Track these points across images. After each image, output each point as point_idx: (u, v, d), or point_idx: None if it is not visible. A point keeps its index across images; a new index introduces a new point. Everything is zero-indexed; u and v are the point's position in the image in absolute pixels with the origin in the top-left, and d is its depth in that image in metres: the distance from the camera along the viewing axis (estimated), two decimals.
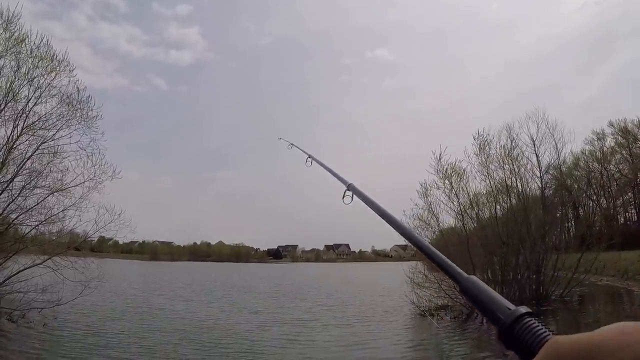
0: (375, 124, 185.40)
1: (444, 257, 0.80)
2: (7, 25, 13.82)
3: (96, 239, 18.63)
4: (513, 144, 18.94)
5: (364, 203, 1.35)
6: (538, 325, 0.53)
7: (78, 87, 15.06)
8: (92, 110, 15.29)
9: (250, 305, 21.15)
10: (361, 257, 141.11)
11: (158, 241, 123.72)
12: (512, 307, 0.58)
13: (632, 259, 33.41)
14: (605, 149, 56.73)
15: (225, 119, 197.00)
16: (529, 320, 0.54)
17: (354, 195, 1.57)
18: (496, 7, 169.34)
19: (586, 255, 19.87)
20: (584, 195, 53.18)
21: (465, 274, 0.71)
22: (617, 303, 22.24)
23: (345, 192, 1.63)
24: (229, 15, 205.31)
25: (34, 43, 14.26)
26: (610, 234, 34.71)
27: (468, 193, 18.15)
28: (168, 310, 18.35)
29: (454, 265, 0.76)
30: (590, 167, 55.41)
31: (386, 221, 1.14)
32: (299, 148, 3.11)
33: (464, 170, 18.28)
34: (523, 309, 0.56)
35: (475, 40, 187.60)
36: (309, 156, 2.60)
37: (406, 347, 12.32)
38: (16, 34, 13.98)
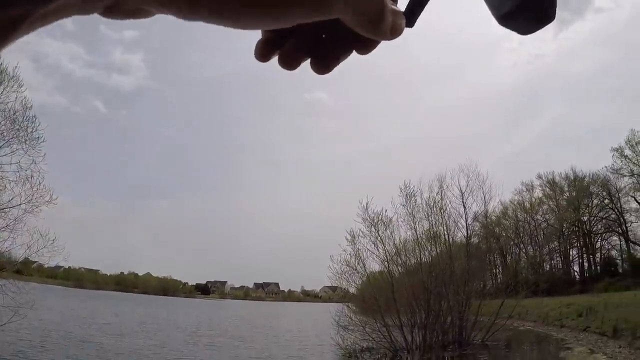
0: (311, 167, 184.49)
1: None
2: None
3: (21, 259, 17.40)
4: (442, 195, 20.06)
5: None
6: None
7: (25, 105, 14.39)
8: (36, 130, 14.62)
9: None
10: (290, 296, 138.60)
11: (84, 268, 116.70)
12: None
13: (553, 305, 35.30)
14: (533, 199, 60.72)
15: (163, 147, 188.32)
16: None
17: None
18: (436, 59, 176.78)
19: (508, 301, 20.90)
20: (512, 243, 56.42)
21: None
22: (535, 347, 23.56)
23: None
24: (174, 45, 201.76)
25: None
26: (536, 281, 36.84)
27: (394, 240, 18.91)
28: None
29: None
30: (519, 216, 59.13)
31: None
32: None
33: (391, 219, 19.16)
34: None
35: (411, 89, 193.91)
36: None
37: None
38: None
